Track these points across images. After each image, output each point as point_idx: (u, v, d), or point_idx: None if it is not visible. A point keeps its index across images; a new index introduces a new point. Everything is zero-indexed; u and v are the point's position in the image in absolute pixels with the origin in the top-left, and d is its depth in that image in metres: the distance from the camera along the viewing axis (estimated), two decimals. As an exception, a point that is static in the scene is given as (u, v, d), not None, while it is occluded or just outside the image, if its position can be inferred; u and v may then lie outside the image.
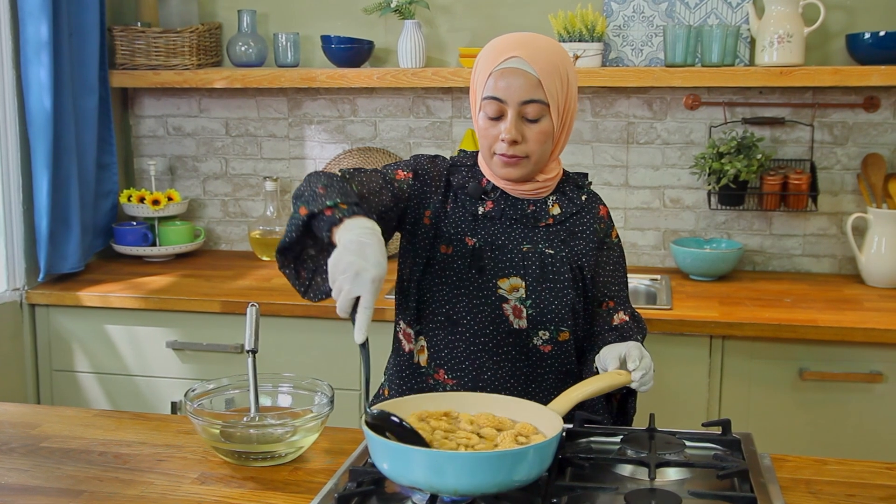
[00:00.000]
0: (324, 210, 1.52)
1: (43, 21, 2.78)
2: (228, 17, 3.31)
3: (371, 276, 1.41)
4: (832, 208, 3.06)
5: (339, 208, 1.51)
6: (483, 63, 1.73)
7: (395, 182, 1.78)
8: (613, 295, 1.86)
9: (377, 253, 1.44)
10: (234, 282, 2.97)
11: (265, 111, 3.37)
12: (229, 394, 1.71)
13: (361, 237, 1.45)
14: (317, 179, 1.62)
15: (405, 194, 1.78)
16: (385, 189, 1.74)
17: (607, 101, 3.13)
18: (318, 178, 1.62)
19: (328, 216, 1.51)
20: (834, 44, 2.97)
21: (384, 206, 1.72)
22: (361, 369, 1.43)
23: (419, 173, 1.81)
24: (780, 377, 2.55)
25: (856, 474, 1.55)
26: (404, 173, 1.80)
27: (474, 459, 1.29)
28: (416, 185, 1.80)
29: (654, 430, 1.61)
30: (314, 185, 1.59)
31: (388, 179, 1.77)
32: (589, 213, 1.84)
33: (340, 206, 1.51)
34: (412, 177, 1.80)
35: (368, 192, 1.70)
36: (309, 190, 1.59)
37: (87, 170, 3.07)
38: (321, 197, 1.54)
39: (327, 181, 1.60)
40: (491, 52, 1.73)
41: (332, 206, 1.51)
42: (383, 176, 1.77)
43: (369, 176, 1.75)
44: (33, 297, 2.90)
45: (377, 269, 1.42)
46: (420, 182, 1.80)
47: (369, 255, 1.43)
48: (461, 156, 1.87)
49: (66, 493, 1.49)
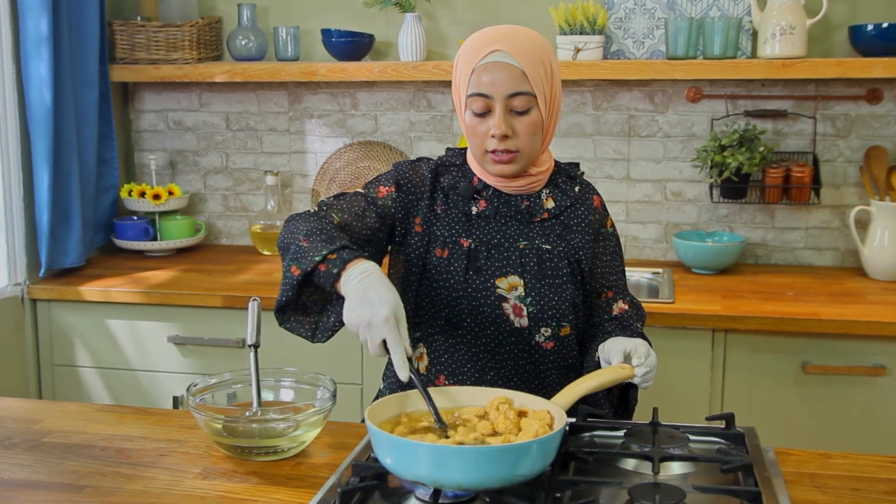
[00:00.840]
0: (318, 266, 1.53)
1: (43, 16, 2.78)
2: (228, 10, 3.30)
3: (382, 317, 1.43)
4: (835, 201, 3.05)
5: (329, 261, 1.52)
6: (464, 60, 1.71)
7: (379, 201, 1.76)
8: (612, 285, 1.85)
9: (381, 293, 1.46)
10: (235, 276, 2.97)
11: (266, 105, 3.36)
12: (231, 388, 1.71)
13: (361, 284, 1.48)
14: (297, 229, 1.61)
15: (390, 210, 1.77)
16: (368, 211, 1.74)
17: (608, 93, 3.12)
18: (298, 226, 1.62)
19: (324, 272, 1.53)
20: (836, 35, 2.96)
21: (370, 228, 1.73)
22: (424, 398, 1.47)
23: (401, 183, 1.79)
24: (783, 371, 2.55)
25: (860, 468, 1.55)
26: (386, 189, 1.78)
27: (478, 454, 1.29)
28: (401, 197, 1.78)
29: (658, 424, 1.60)
30: (296, 236, 1.59)
31: (371, 200, 1.76)
32: (583, 205, 1.83)
33: (330, 258, 1.53)
34: (395, 189, 1.78)
35: (351, 219, 1.70)
36: (294, 243, 1.59)
37: (87, 164, 3.06)
38: (307, 252, 1.55)
39: (308, 229, 1.59)
40: (471, 48, 1.70)
41: (322, 260, 1.53)
42: (365, 197, 1.76)
43: (350, 201, 1.74)
44: (34, 292, 2.90)
45: (385, 308, 1.44)
46: (403, 192, 1.78)
47: (373, 299, 1.45)
48: (449, 155, 1.84)
49: (68, 487, 1.49)
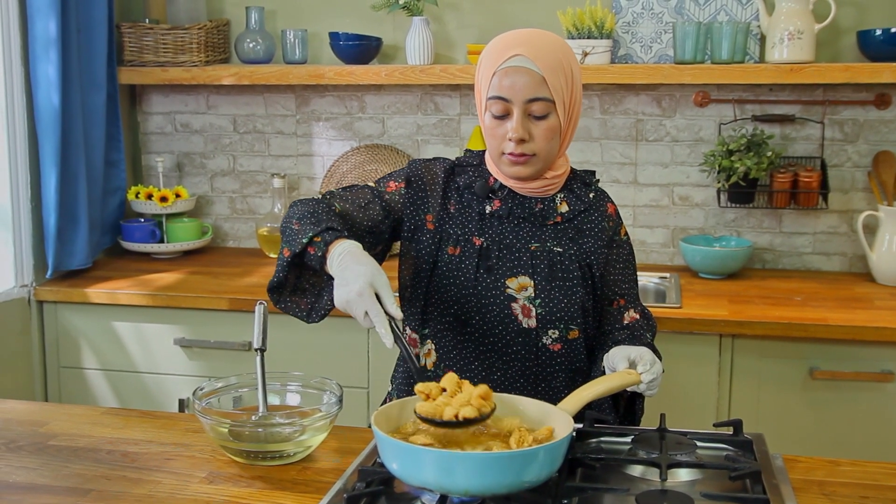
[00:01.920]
0: (306, 248, 1.61)
1: (51, 18, 2.78)
2: (236, 13, 3.30)
3: (356, 292, 1.50)
4: (843, 206, 3.04)
5: (315, 243, 1.60)
6: (486, 62, 1.73)
7: (386, 195, 1.81)
8: (624, 293, 1.85)
9: (354, 269, 1.53)
10: (241, 279, 2.97)
11: (273, 108, 3.36)
12: (237, 392, 1.71)
13: (341, 265, 1.56)
14: (294, 212, 1.69)
15: (398, 205, 1.81)
16: (373, 203, 1.79)
17: (616, 98, 3.11)
18: (296, 210, 1.70)
19: (312, 255, 1.60)
20: (845, 40, 2.95)
21: (371, 220, 1.77)
22: (406, 355, 1.55)
23: (412, 180, 1.82)
24: (791, 376, 2.54)
25: (869, 475, 1.54)
26: (396, 184, 1.82)
27: (485, 460, 1.28)
28: (410, 193, 1.81)
29: (665, 430, 1.60)
30: (291, 219, 1.68)
31: (378, 193, 1.81)
32: (597, 211, 1.83)
33: (315, 241, 1.60)
34: (405, 186, 1.82)
35: (353, 208, 1.76)
36: (289, 227, 1.67)
37: (95, 166, 3.06)
38: (296, 234, 1.63)
39: (301, 212, 1.68)
40: (494, 51, 1.72)
41: (308, 242, 1.60)
42: (373, 190, 1.82)
43: (355, 192, 1.80)
44: (41, 293, 2.90)
45: (358, 282, 1.51)
46: (414, 189, 1.82)
47: (348, 277, 1.53)
48: (467, 155, 1.87)
49: (73, 491, 1.48)
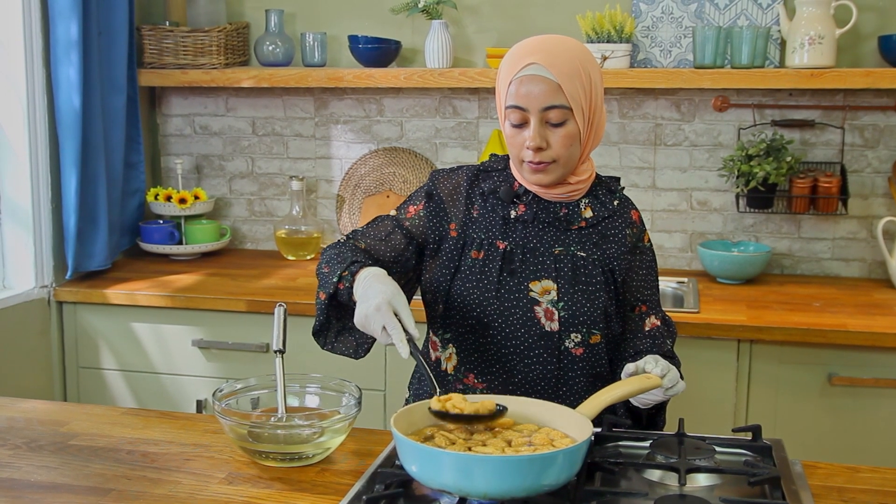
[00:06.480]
0: (337, 286, 1.67)
1: (73, 20, 2.80)
2: (256, 16, 3.32)
3: (374, 307, 1.56)
4: (862, 212, 3.03)
5: (343, 278, 1.67)
6: (504, 70, 1.73)
7: (406, 222, 1.84)
8: (646, 299, 1.85)
9: (374, 287, 1.59)
10: (259, 281, 2.98)
11: (292, 111, 3.37)
12: (256, 394, 1.72)
13: (364, 286, 1.62)
14: (323, 259, 1.77)
15: (419, 228, 1.84)
16: (394, 233, 1.83)
17: (635, 102, 3.11)
18: (325, 256, 1.77)
19: (342, 290, 1.67)
20: (866, 45, 2.94)
21: (395, 249, 1.82)
22: (423, 370, 1.57)
23: (432, 194, 1.84)
24: (809, 382, 2.52)
25: (889, 482, 1.54)
26: (415, 207, 1.85)
27: (504, 463, 1.29)
28: (431, 207, 1.83)
29: (684, 435, 1.59)
30: (321, 265, 1.75)
31: (398, 222, 1.84)
32: (621, 217, 1.83)
33: (343, 276, 1.67)
34: (424, 205, 1.84)
35: (376, 242, 1.81)
36: (321, 272, 1.74)
37: (114, 168, 3.08)
38: (328, 276, 1.70)
39: (329, 256, 1.75)
40: (511, 60, 1.73)
41: (339, 280, 1.67)
42: (394, 220, 1.85)
43: (377, 226, 1.85)
44: (61, 294, 2.92)
45: (376, 299, 1.56)
46: (435, 202, 1.83)
47: (368, 294, 1.59)
48: (493, 160, 1.87)
49: (94, 491, 1.49)
